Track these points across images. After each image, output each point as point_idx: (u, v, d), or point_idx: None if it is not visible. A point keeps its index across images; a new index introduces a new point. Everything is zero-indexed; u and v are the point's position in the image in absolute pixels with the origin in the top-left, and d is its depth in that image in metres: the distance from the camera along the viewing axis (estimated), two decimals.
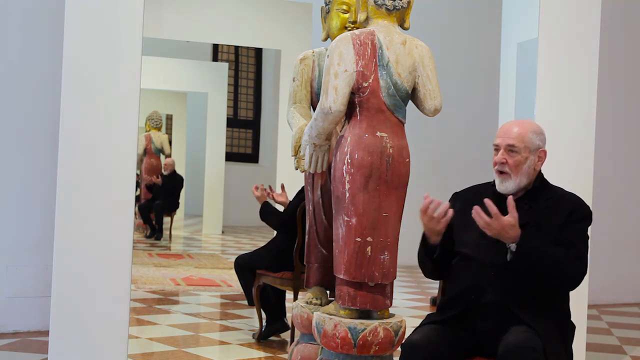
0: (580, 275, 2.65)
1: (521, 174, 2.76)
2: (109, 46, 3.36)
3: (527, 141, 2.75)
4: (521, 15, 5.26)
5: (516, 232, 2.58)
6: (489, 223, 2.58)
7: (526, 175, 2.77)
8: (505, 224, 2.57)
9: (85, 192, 3.33)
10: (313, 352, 3.44)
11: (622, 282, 6.94)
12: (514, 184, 2.76)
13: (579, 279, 2.66)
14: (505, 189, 2.77)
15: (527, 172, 2.77)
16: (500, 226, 2.57)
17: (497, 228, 2.58)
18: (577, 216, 2.73)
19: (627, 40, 7.09)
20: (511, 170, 2.75)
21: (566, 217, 2.71)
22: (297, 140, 3.46)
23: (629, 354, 4.86)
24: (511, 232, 2.58)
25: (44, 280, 4.64)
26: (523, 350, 2.47)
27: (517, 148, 2.75)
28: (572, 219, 2.71)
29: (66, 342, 3.31)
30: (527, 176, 2.77)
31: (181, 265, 8.07)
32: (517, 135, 2.76)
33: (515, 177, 2.76)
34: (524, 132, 2.76)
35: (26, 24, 4.82)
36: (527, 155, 2.76)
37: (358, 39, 3.03)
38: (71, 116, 3.32)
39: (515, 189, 2.77)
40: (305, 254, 3.65)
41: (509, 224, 2.57)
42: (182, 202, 11.69)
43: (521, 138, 2.75)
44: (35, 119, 4.79)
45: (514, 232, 2.58)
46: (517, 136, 2.75)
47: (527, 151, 2.76)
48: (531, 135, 2.77)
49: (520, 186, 2.77)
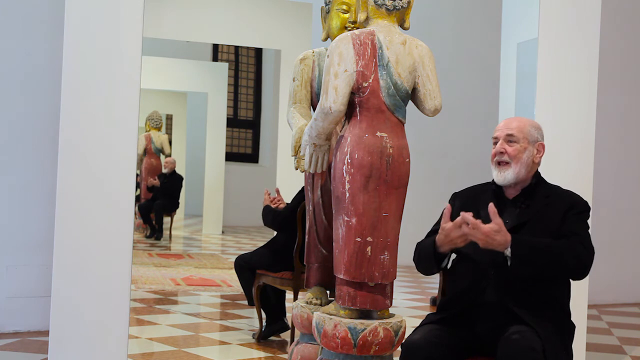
0: (587, 259, 2.63)
1: (520, 163, 2.76)
2: (109, 46, 3.36)
3: (525, 132, 2.79)
4: (521, 15, 5.26)
5: (504, 238, 2.56)
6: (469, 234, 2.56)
7: (525, 166, 2.77)
8: (486, 231, 2.55)
9: (85, 192, 3.33)
10: (313, 352, 3.44)
11: (622, 282, 6.94)
12: (513, 173, 2.76)
13: (587, 263, 2.63)
14: (504, 179, 2.77)
15: (526, 162, 2.77)
16: (484, 234, 2.55)
17: (480, 237, 2.56)
18: (575, 210, 2.73)
19: (627, 40, 7.09)
20: (511, 158, 2.76)
21: (564, 212, 2.71)
22: (297, 140, 3.46)
23: (629, 354, 4.86)
24: (498, 238, 2.56)
25: (44, 280, 4.65)
26: (523, 350, 2.47)
27: (515, 138, 2.78)
28: (571, 213, 2.72)
29: (66, 342, 3.31)
30: (525, 167, 2.77)
31: (181, 265, 8.07)
32: (516, 127, 2.80)
33: (514, 165, 2.76)
34: (523, 125, 2.80)
35: (26, 24, 4.82)
36: (526, 146, 2.78)
37: (358, 39, 3.03)
38: (71, 116, 3.32)
39: (513, 178, 2.77)
40: (305, 254, 3.65)
41: (491, 231, 2.55)
42: (182, 202, 11.70)
43: (520, 129, 2.79)
44: (35, 119, 4.79)
45: (501, 238, 2.56)
46: (516, 127, 2.79)
47: (525, 142, 2.78)
48: (530, 128, 2.80)
49: (519, 177, 2.77)
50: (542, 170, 2.93)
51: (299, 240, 4.41)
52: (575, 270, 2.65)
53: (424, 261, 2.82)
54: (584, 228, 2.72)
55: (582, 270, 2.65)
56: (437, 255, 2.74)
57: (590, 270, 2.67)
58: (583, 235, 2.69)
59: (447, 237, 2.66)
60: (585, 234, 2.70)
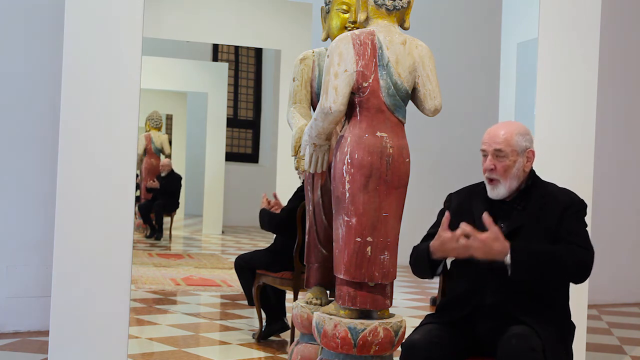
0: (588, 261, 2.63)
1: (510, 178, 2.76)
2: (109, 46, 3.36)
3: (513, 144, 2.75)
4: (521, 15, 5.26)
5: (503, 245, 2.57)
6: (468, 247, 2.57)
7: (516, 178, 2.77)
8: (484, 239, 2.56)
9: (85, 192, 3.33)
10: (313, 352, 3.44)
11: (622, 282, 6.94)
12: (505, 188, 2.76)
13: (589, 265, 2.64)
14: (497, 195, 2.78)
15: (517, 174, 2.76)
16: (481, 243, 2.56)
17: (478, 246, 2.56)
18: (572, 209, 2.73)
19: (627, 40, 7.09)
20: (500, 176, 2.75)
21: (561, 212, 2.71)
22: (297, 140, 3.46)
23: (629, 354, 4.86)
24: (497, 246, 2.56)
25: (44, 280, 4.65)
26: (522, 350, 2.47)
27: (504, 152, 2.74)
28: (568, 212, 2.71)
29: (66, 342, 3.31)
30: (517, 179, 2.77)
31: (181, 265, 8.07)
32: (503, 140, 2.74)
33: (505, 181, 2.75)
34: (510, 136, 2.75)
35: (26, 24, 4.82)
36: (515, 159, 2.75)
37: (358, 39, 3.03)
38: (71, 116, 3.32)
39: (506, 193, 2.77)
40: (305, 254, 3.65)
41: (489, 239, 2.56)
42: (182, 202, 11.70)
43: (507, 142, 2.74)
44: (36, 119, 4.79)
45: (499, 246, 2.57)
46: (504, 141, 2.74)
47: (514, 154, 2.75)
48: (517, 138, 2.76)
49: (511, 189, 2.77)
50: (542, 171, 2.92)
51: (299, 240, 4.41)
52: (576, 274, 2.65)
53: (419, 266, 2.83)
54: (582, 227, 2.72)
55: (584, 272, 2.65)
56: (431, 262, 2.75)
57: (591, 271, 2.67)
58: (582, 234, 2.69)
59: (443, 245, 2.66)
60: (584, 233, 2.70)
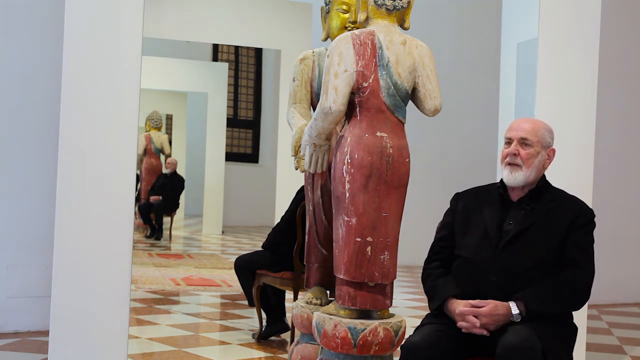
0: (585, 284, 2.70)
1: (532, 167, 2.77)
2: (109, 46, 3.36)
3: (540, 136, 2.79)
4: (521, 15, 5.25)
5: (504, 307, 2.62)
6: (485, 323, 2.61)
7: (535, 171, 2.78)
8: (488, 312, 2.60)
9: (85, 192, 3.33)
10: (313, 352, 3.44)
11: (622, 282, 6.94)
12: (524, 176, 2.77)
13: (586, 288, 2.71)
14: (514, 180, 2.78)
15: (537, 167, 2.78)
16: (488, 315, 2.60)
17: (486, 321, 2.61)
18: (582, 221, 2.74)
19: (627, 39, 7.09)
20: (523, 162, 2.76)
21: (570, 222, 2.71)
22: (297, 140, 3.46)
23: (629, 354, 4.86)
24: (501, 311, 2.62)
25: (44, 280, 4.64)
26: (522, 351, 2.47)
27: (530, 141, 2.77)
28: (577, 224, 2.72)
29: (66, 342, 3.31)
30: (536, 171, 2.78)
31: (181, 265, 8.07)
32: (531, 130, 2.79)
33: (526, 169, 2.76)
34: (537, 128, 2.80)
35: (26, 24, 4.82)
36: (539, 150, 2.78)
37: (358, 39, 3.03)
38: (71, 116, 3.32)
39: (523, 181, 2.77)
40: (305, 254, 3.65)
41: (491, 310, 2.61)
42: (182, 202, 11.69)
43: (535, 132, 2.78)
44: (35, 119, 4.79)
45: (502, 309, 2.62)
46: (531, 130, 2.79)
47: (539, 146, 2.78)
48: (544, 132, 2.80)
49: (528, 180, 2.78)
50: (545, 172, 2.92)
51: (299, 240, 4.41)
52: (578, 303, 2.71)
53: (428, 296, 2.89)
54: (589, 244, 2.74)
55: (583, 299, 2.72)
56: (438, 309, 2.79)
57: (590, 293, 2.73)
58: (587, 252, 2.71)
59: (452, 313, 2.71)
60: (589, 250, 2.73)
